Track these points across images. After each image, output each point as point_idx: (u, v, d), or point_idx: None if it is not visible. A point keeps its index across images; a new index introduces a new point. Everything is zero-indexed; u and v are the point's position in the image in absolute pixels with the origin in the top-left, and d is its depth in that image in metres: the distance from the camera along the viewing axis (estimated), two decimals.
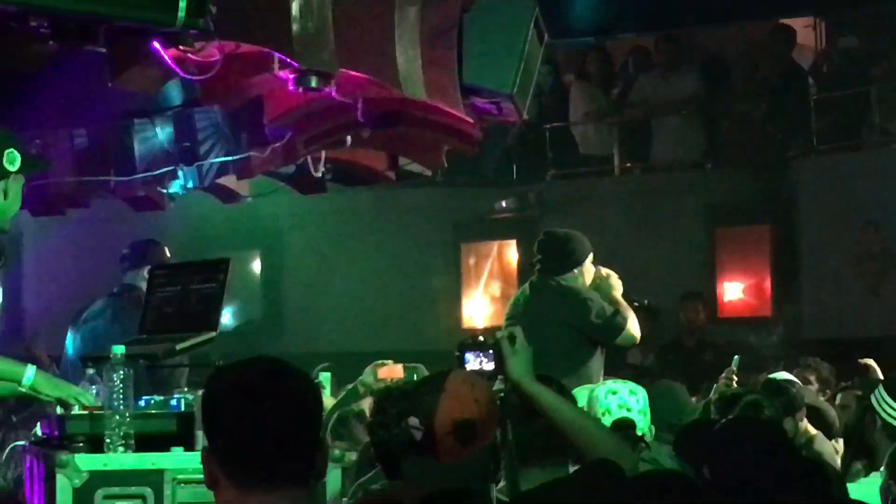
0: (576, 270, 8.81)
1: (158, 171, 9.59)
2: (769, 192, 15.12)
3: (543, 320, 8.53)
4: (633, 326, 8.77)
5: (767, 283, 15.06)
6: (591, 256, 8.92)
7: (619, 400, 6.41)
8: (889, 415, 5.67)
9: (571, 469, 4.51)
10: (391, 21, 6.96)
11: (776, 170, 15.18)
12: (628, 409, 6.37)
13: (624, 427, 6.19)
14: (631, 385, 6.60)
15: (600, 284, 8.84)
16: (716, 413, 6.78)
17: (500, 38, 7.74)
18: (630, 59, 16.76)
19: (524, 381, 4.39)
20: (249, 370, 3.28)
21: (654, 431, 6.49)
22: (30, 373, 5.78)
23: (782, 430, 4.83)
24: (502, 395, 4.45)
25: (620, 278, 8.97)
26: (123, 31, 5.93)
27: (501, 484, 4.52)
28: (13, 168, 5.83)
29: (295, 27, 6.28)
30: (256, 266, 15.97)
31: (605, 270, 8.98)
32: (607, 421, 6.25)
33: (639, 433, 6.30)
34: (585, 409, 6.45)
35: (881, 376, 8.54)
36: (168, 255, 9.39)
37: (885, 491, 4.79)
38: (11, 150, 5.85)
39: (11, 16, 5.79)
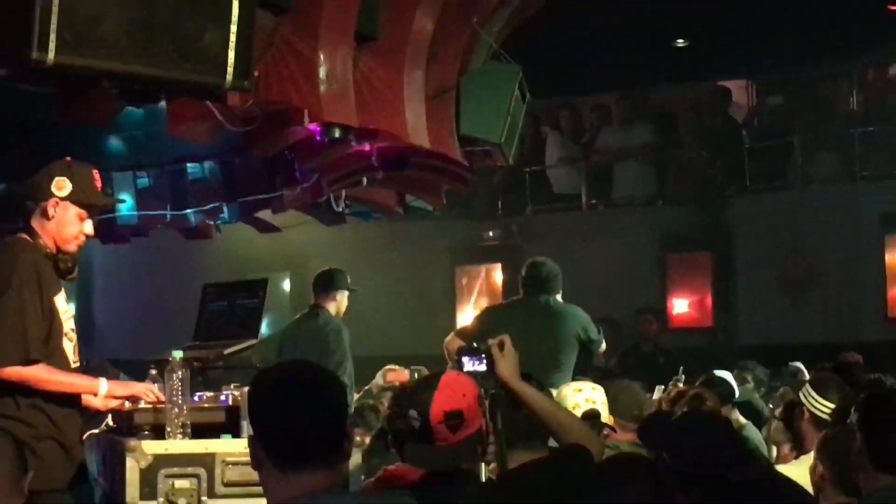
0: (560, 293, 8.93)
1: (207, 207, 9.59)
2: (710, 224, 15.14)
3: (549, 332, 8.62)
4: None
5: (709, 300, 15.07)
6: None
7: (585, 395, 6.37)
8: (815, 407, 5.66)
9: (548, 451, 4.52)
10: (401, 83, 6.97)
11: (716, 206, 15.20)
12: (593, 402, 6.36)
13: (592, 416, 6.18)
14: (591, 383, 6.58)
15: None
16: (667, 405, 6.76)
17: (490, 97, 7.77)
18: (594, 115, 16.79)
19: (511, 380, 4.36)
20: (287, 372, 3.28)
21: (613, 421, 6.48)
22: (103, 385, 5.73)
23: (728, 422, 4.84)
24: (493, 391, 4.46)
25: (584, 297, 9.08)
26: (181, 91, 5.93)
27: (493, 466, 4.52)
28: (60, 194, 5.60)
29: (322, 88, 6.29)
30: (286, 285, 15.92)
31: None
32: (578, 413, 6.25)
33: (604, 421, 6.30)
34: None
35: (807, 376, 8.52)
36: (349, 279, 9.61)
37: (812, 469, 4.79)
38: (63, 178, 5.61)
39: (87, 79, 5.77)
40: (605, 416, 6.39)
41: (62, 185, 5.63)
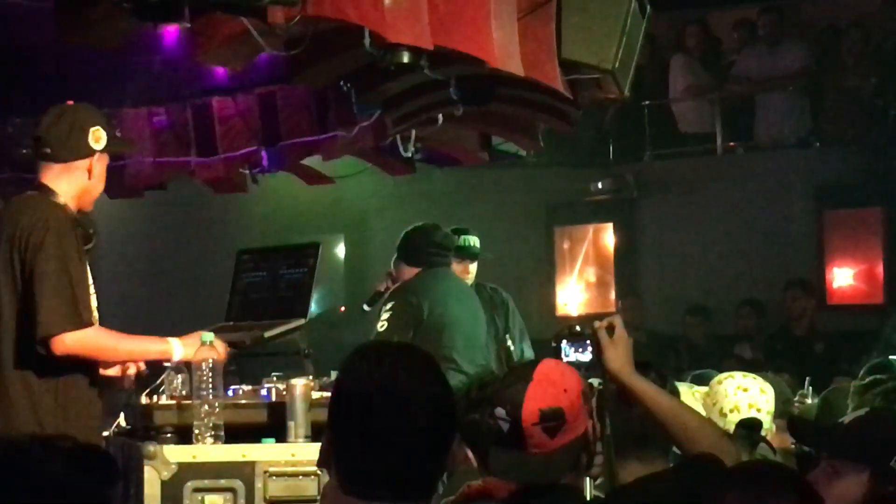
0: None
1: (240, 152, 9.68)
2: (881, 173, 15.04)
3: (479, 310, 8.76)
4: None
5: (880, 269, 15.00)
6: None
7: (750, 397, 6.28)
8: None
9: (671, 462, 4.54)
10: None
11: (888, 148, 15.10)
12: (758, 410, 6.27)
13: (751, 427, 6.15)
14: (761, 382, 6.37)
15: None
16: (854, 400, 6.66)
17: (600, 11, 7.73)
18: (733, 32, 16.73)
19: (623, 372, 4.38)
20: (397, 366, 3.22)
21: (774, 430, 6.42)
22: (177, 347, 5.90)
23: None
24: (601, 386, 4.48)
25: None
26: (209, 5, 5.99)
27: (600, 480, 4.56)
28: (98, 147, 5.95)
29: (387, 1, 6.33)
30: (341, 251, 16.07)
31: None
32: (734, 418, 6.19)
33: (763, 434, 6.25)
34: (708, 398, 6.41)
35: None
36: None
37: None
38: (98, 127, 5.96)
39: None
40: (768, 428, 6.32)
41: (99, 138, 5.95)
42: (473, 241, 9.16)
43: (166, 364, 5.98)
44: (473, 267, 9.13)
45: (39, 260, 5.70)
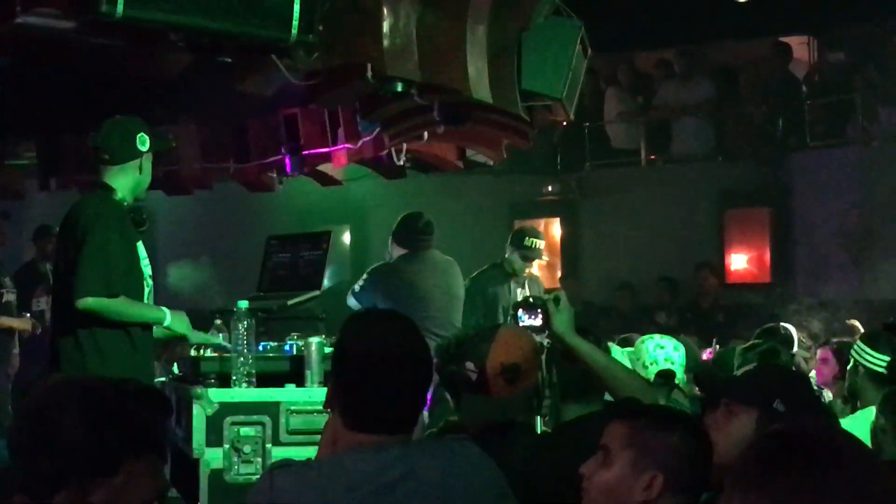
0: None
1: (269, 159, 9.64)
2: (769, 180, 15.04)
3: (449, 287, 8.80)
4: None
5: (767, 256, 15.01)
6: None
7: (665, 354, 6.34)
8: (870, 362, 5.62)
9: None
10: (463, 38, 6.97)
11: (775, 162, 15.09)
12: (672, 363, 6.32)
13: (666, 376, 6.17)
14: (674, 342, 6.50)
15: None
16: (738, 359, 6.71)
17: (552, 53, 7.71)
18: (655, 70, 16.70)
19: (567, 335, 4.36)
20: (386, 328, 3.24)
21: (685, 380, 6.46)
22: (168, 315, 5.93)
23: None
24: (548, 345, 4.48)
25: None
26: (247, 45, 5.98)
27: (548, 418, 4.56)
28: (144, 148, 6.01)
29: (385, 43, 6.31)
30: (347, 238, 16.02)
31: None
32: (653, 370, 6.22)
33: (676, 381, 6.28)
34: (633, 354, 6.44)
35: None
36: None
37: (873, 426, 4.78)
38: (142, 133, 6.01)
39: (154, 32, 5.84)
40: (680, 378, 6.37)
41: (144, 141, 6.00)
42: (540, 244, 9.62)
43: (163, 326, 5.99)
44: (535, 263, 9.56)
45: (85, 240, 5.73)
